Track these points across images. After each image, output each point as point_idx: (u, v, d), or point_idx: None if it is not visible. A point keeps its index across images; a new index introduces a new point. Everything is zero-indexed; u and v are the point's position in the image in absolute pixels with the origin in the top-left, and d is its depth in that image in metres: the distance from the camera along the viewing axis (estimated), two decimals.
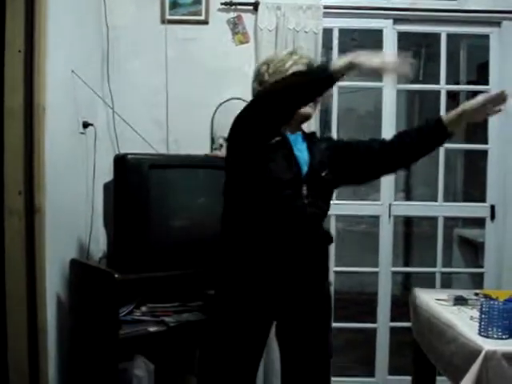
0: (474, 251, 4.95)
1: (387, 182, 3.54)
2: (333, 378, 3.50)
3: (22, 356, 2.49)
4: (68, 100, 2.84)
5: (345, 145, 2.28)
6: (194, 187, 2.82)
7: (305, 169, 2.11)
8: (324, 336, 2.23)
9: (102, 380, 2.62)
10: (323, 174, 2.14)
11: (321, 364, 2.23)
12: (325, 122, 3.99)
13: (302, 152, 2.14)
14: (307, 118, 2.17)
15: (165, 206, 2.70)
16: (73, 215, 2.91)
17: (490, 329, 1.81)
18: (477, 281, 3.81)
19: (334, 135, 3.57)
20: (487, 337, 1.79)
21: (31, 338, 2.51)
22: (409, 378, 2.62)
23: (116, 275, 2.50)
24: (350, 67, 1.84)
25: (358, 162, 2.23)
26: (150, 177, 2.62)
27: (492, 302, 1.87)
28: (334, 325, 3.59)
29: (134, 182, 2.60)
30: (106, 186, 2.94)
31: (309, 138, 2.22)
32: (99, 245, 3.11)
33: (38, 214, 2.49)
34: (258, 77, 2.19)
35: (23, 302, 2.49)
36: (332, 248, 3.57)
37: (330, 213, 3.45)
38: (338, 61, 1.87)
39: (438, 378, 2.48)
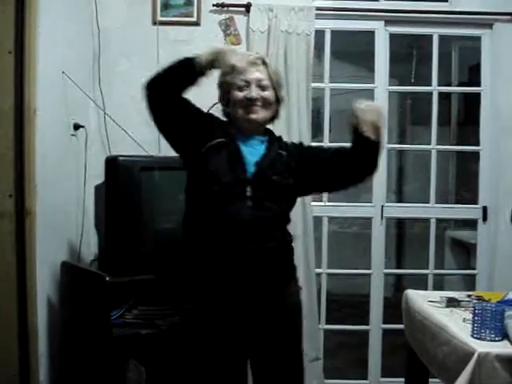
0: (466, 253, 4.96)
1: (379, 184, 3.54)
2: (326, 381, 3.52)
3: (13, 359, 2.47)
4: (59, 102, 2.82)
5: (310, 152, 2.30)
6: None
7: (251, 170, 2.09)
8: (292, 348, 2.19)
9: (93, 383, 2.60)
10: (274, 178, 2.10)
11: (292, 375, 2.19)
12: (317, 124, 3.97)
13: (253, 154, 2.13)
14: (256, 122, 2.17)
15: (156, 208, 2.69)
16: (64, 217, 2.90)
17: (482, 331, 1.80)
18: (469, 283, 3.81)
19: (326, 137, 3.58)
20: (480, 339, 1.78)
21: (22, 341, 2.49)
22: (402, 379, 2.60)
23: (107, 278, 2.48)
24: (213, 60, 2.05)
25: (321, 170, 2.23)
26: (141, 179, 2.61)
27: (485, 304, 1.87)
28: (327, 326, 3.60)
29: (126, 184, 2.59)
30: (98, 188, 2.93)
31: (271, 142, 2.21)
32: (90, 247, 3.09)
33: (28, 216, 2.48)
34: None
35: (14, 305, 2.48)
36: (324, 249, 3.57)
37: (322, 214, 3.50)
38: (204, 53, 2.06)
39: (431, 380, 2.47)
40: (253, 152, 2.14)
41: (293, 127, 3.32)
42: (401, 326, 2.55)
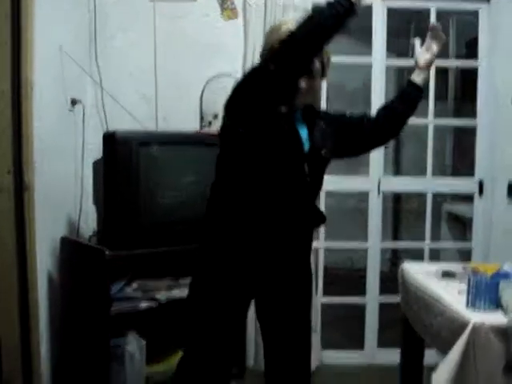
0: (462, 227, 4.98)
1: (376, 158, 3.55)
2: (323, 352, 3.57)
3: (14, 334, 2.50)
4: (56, 77, 2.81)
5: (339, 119, 2.25)
6: (184, 164, 2.83)
7: (306, 146, 2.07)
8: (305, 313, 2.23)
9: (94, 356, 2.64)
10: (323, 152, 2.10)
11: (301, 341, 2.22)
12: None
13: (302, 129, 2.09)
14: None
15: (154, 183, 2.70)
16: (62, 193, 2.91)
17: (477, 302, 1.81)
18: (465, 257, 3.84)
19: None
20: (475, 310, 1.80)
21: (23, 316, 2.52)
22: (397, 350, 2.63)
23: (106, 252, 2.51)
24: None
25: (350, 136, 2.22)
26: (139, 154, 2.62)
27: (480, 275, 1.89)
28: (324, 300, 3.64)
29: (124, 160, 2.60)
30: (96, 164, 2.94)
31: (306, 113, 2.14)
32: (89, 223, 3.11)
33: (27, 191, 2.49)
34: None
35: (14, 280, 2.50)
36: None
37: None
38: None
39: (427, 352, 2.49)
40: (301, 126, 2.09)
41: None
42: (397, 299, 2.57)
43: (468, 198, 3.83)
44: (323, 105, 3.58)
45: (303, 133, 2.08)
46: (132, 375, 2.73)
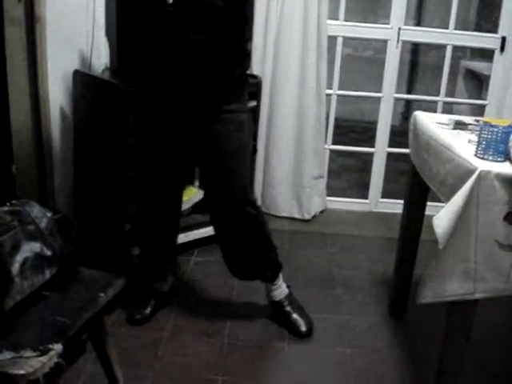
0: (478, 85, 4.92)
1: (398, 6, 3.42)
2: (328, 198, 3.66)
3: (31, 165, 2.56)
4: None
5: None
6: None
7: None
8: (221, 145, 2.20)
9: (110, 189, 2.70)
10: None
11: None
12: None
13: None
14: None
15: None
16: (74, 26, 2.83)
17: (486, 151, 1.82)
18: (478, 114, 3.82)
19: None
20: (483, 159, 1.81)
21: (38, 150, 2.56)
22: (400, 201, 2.69)
23: (120, 86, 2.48)
24: None
25: None
26: None
27: (491, 126, 1.88)
28: (333, 147, 3.68)
29: None
30: None
31: None
32: (101, 58, 3.04)
33: (38, 22, 2.44)
34: None
35: (27, 113, 2.51)
36: (336, 70, 3.53)
37: (337, 34, 3.42)
38: None
39: (429, 204, 2.53)
40: None
41: None
42: (405, 151, 2.58)
43: (487, 56, 3.73)
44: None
45: None
46: None
